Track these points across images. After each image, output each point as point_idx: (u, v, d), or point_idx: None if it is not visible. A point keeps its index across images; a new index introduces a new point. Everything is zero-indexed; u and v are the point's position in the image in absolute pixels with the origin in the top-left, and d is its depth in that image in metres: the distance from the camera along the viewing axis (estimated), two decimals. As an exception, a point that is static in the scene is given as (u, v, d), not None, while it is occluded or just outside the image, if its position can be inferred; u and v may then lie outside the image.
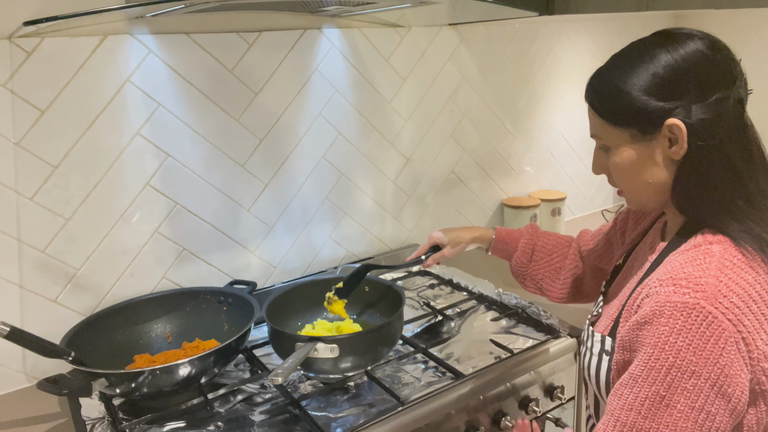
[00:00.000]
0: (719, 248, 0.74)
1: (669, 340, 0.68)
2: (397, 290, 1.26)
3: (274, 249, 1.52)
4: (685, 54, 0.76)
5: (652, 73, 0.76)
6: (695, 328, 0.67)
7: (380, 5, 1.18)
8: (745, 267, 0.72)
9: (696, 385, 0.66)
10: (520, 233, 1.23)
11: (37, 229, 1.20)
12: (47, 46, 1.15)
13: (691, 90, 0.75)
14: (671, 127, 0.75)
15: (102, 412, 1.07)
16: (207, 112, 1.35)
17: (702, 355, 0.66)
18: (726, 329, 0.67)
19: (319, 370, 1.12)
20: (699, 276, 0.70)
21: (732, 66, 0.77)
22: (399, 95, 1.65)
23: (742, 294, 0.69)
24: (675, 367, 0.67)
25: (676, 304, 0.69)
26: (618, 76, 0.79)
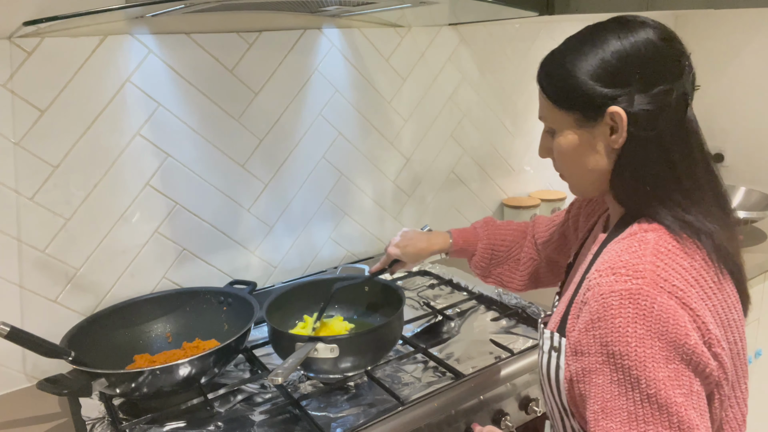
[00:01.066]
0: (654, 235, 0.74)
1: (628, 331, 0.67)
2: (397, 290, 1.26)
3: (274, 249, 1.52)
4: (634, 42, 0.75)
5: (600, 59, 0.75)
6: (648, 312, 0.67)
7: (380, 5, 1.18)
8: (680, 253, 0.72)
9: (676, 369, 0.66)
10: (476, 236, 1.20)
11: (37, 229, 1.20)
12: (47, 46, 1.15)
13: (636, 79, 0.74)
14: (613, 114, 0.75)
15: (102, 412, 1.08)
16: (207, 112, 1.35)
17: (667, 339, 0.66)
18: (677, 309, 0.67)
19: (319, 370, 1.12)
20: (636, 263, 0.70)
21: (681, 59, 0.76)
22: (399, 95, 1.65)
23: (680, 278, 0.70)
24: (649, 358, 0.66)
25: (620, 292, 0.68)
26: (568, 59, 0.78)
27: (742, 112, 2.18)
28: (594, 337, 0.70)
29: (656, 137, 0.75)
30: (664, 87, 0.74)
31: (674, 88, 0.75)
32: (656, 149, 0.76)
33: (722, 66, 2.21)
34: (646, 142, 0.76)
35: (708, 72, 2.26)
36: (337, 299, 1.35)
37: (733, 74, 2.19)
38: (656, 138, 0.75)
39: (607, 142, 0.78)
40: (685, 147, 0.77)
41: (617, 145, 0.77)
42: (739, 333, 0.79)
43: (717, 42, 2.21)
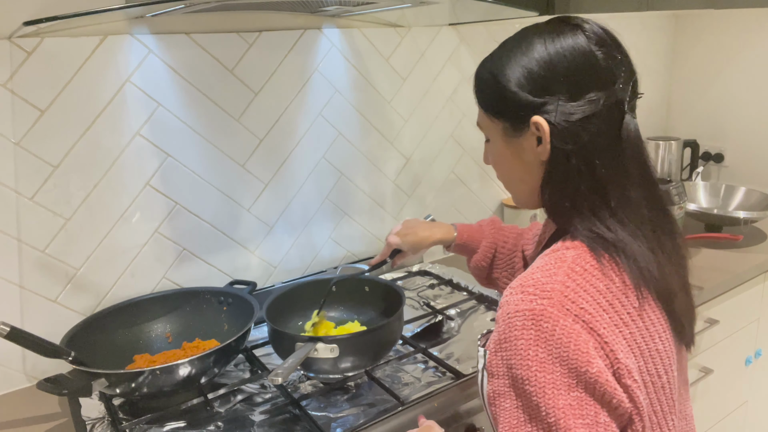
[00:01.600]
0: (573, 253, 0.70)
1: (529, 354, 0.63)
2: (397, 290, 1.26)
3: (274, 249, 1.52)
4: (561, 48, 0.71)
5: (524, 66, 0.72)
6: (549, 336, 0.63)
7: (380, 5, 1.18)
8: (596, 273, 0.68)
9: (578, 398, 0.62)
10: (481, 233, 1.18)
11: (37, 229, 1.20)
12: (47, 46, 1.15)
13: (562, 88, 0.70)
14: (536, 124, 0.72)
15: (102, 412, 1.08)
16: (207, 112, 1.35)
17: (568, 365, 0.62)
18: (581, 334, 0.63)
19: (319, 370, 1.12)
20: (546, 282, 0.67)
21: (614, 65, 0.71)
22: (399, 95, 1.65)
23: (590, 300, 0.66)
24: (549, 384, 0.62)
25: (524, 312, 0.65)
26: (496, 66, 0.76)
27: (742, 112, 2.18)
28: (501, 359, 0.66)
29: (580, 150, 0.71)
30: (593, 96, 0.70)
31: (602, 97, 0.70)
32: (581, 163, 0.71)
33: (722, 66, 2.21)
34: (569, 155, 0.71)
35: (708, 72, 2.26)
36: (337, 299, 1.35)
37: (733, 74, 2.19)
38: (581, 151, 0.71)
39: (535, 154, 0.74)
40: (616, 161, 0.72)
41: (543, 157, 0.73)
42: (664, 365, 0.71)
43: (717, 42, 2.21)
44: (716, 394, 1.71)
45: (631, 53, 0.76)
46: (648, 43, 2.24)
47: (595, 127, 0.71)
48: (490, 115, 0.78)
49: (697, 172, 2.14)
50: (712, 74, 2.24)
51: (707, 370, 1.63)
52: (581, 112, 0.70)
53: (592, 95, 0.70)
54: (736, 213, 1.77)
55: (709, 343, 1.64)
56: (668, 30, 2.31)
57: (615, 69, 0.72)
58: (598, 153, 0.71)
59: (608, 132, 0.71)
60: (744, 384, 1.80)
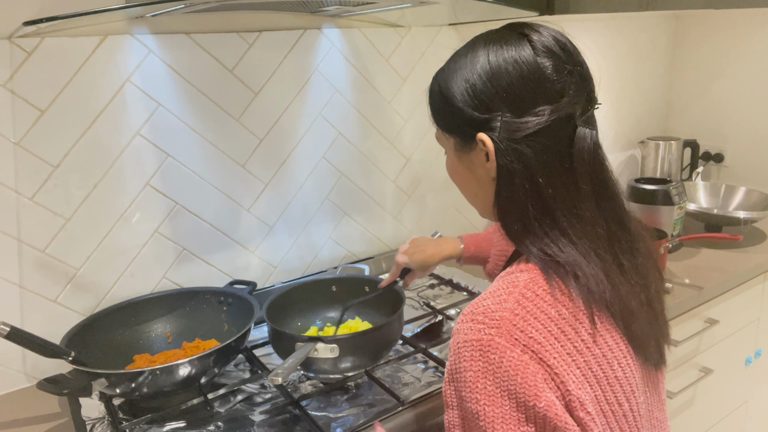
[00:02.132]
0: (525, 277, 0.66)
1: (477, 387, 0.61)
2: (397, 290, 1.26)
3: (274, 249, 1.52)
4: (503, 61, 0.68)
5: (467, 80, 0.69)
6: (496, 368, 0.61)
7: (380, 5, 1.18)
8: (548, 298, 0.64)
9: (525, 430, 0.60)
10: (489, 242, 1.17)
11: (37, 229, 1.20)
12: (47, 46, 1.15)
13: (505, 103, 0.67)
14: (482, 141, 0.69)
15: (102, 412, 1.08)
16: (207, 112, 1.35)
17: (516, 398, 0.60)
18: (528, 365, 0.61)
19: (319, 370, 1.12)
20: (495, 309, 0.64)
21: (562, 78, 0.67)
22: (399, 95, 1.65)
23: (540, 329, 0.63)
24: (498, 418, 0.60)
25: (472, 342, 0.62)
26: (444, 79, 0.73)
27: (742, 112, 2.18)
28: (454, 390, 0.64)
29: (526, 167, 0.67)
30: (537, 110, 0.66)
31: (549, 112, 0.66)
32: (526, 181, 0.67)
33: (722, 66, 2.21)
34: (513, 172, 0.68)
35: (708, 72, 2.26)
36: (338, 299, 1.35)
37: (733, 74, 2.19)
38: (526, 168, 0.67)
39: (485, 170, 0.71)
40: (566, 178, 0.68)
41: (492, 174, 0.70)
42: (625, 392, 0.67)
43: (717, 42, 2.21)
44: (716, 394, 1.71)
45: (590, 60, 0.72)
46: (648, 43, 2.24)
47: (541, 144, 0.67)
48: (442, 130, 0.77)
49: (697, 172, 2.14)
50: (712, 74, 2.24)
51: (707, 370, 1.63)
52: (525, 128, 0.66)
53: (538, 110, 0.67)
54: (736, 213, 1.77)
55: (709, 343, 1.64)
56: (668, 30, 2.31)
57: (563, 81, 0.67)
58: (545, 170, 0.67)
59: (557, 147, 0.68)
60: (744, 384, 1.80)
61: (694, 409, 1.64)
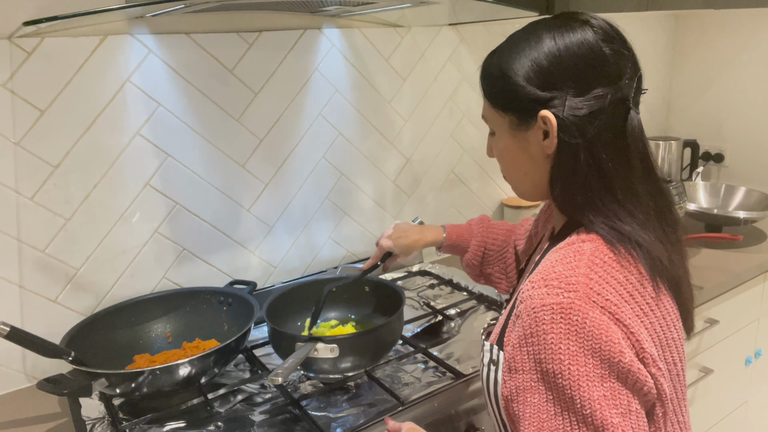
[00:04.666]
0: (590, 246, 0.70)
1: (561, 348, 0.63)
2: (397, 290, 1.26)
3: (274, 249, 1.52)
4: (569, 43, 0.72)
5: (533, 60, 0.72)
6: (579, 328, 0.63)
7: (380, 5, 1.18)
8: (615, 265, 0.69)
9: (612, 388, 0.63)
10: (470, 232, 1.19)
11: (37, 229, 1.20)
12: (47, 46, 1.15)
13: (569, 82, 0.71)
14: (544, 118, 0.72)
15: (102, 412, 1.08)
16: (207, 113, 1.35)
17: (600, 356, 0.63)
18: (610, 325, 0.64)
19: (319, 370, 1.12)
20: (569, 275, 0.67)
21: (621, 62, 0.72)
22: (399, 95, 1.65)
23: (613, 292, 0.67)
24: (583, 377, 0.63)
25: (551, 306, 0.65)
26: (504, 59, 0.76)
27: (742, 112, 2.18)
28: (528, 354, 0.66)
29: (587, 144, 0.72)
30: (600, 92, 0.71)
31: (609, 93, 0.71)
32: (588, 157, 0.72)
33: (722, 66, 2.21)
34: (576, 149, 0.72)
35: (708, 72, 2.26)
36: (337, 300, 1.35)
37: (733, 74, 2.19)
38: (587, 145, 0.72)
39: (541, 147, 0.75)
40: (622, 155, 0.73)
41: (549, 151, 0.74)
42: (679, 353, 0.74)
43: (717, 42, 2.21)
44: (716, 394, 1.71)
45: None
46: (648, 43, 2.24)
47: (601, 122, 0.71)
48: (497, 109, 0.78)
49: (697, 172, 2.14)
50: (712, 74, 2.24)
51: (707, 370, 1.63)
52: (588, 107, 0.71)
53: (599, 91, 0.71)
54: (736, 213, 1.77)
55: (709, 343, 1.64)
56: (668, 30, 2.31)
57: (622, 65, 0.72)
58: (605, 147, 0.72)
59: (614, 127, 0.72)
60: (744, 384, 1.80)
61: (694, 409, 1.64)
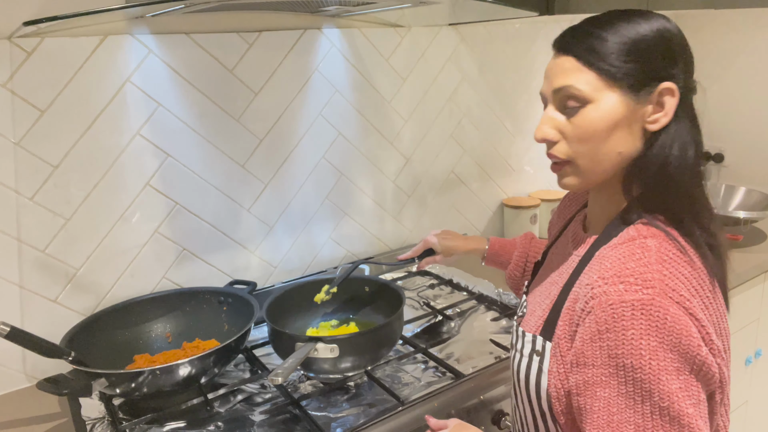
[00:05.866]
0: (654, 242, 0.70)
1: (642, 344, 0.64)
2: (397, 290, 1.26)
3: (274, 249, 1.52)
4: (675, 28, 0.74)
5: (653, 30, 0.72)
6: (660, 324, 0.64)
7: (380, 5, 1.18)
8: (680, 261, 0.69)
9: (686, 380, 0.64)
10: (513, 245, 1.21)
11: (37, 229, 1.20)
12: (47, 46, 1.15)
13: (681, 63, 0.72)
14: (666, 90, 0.71)
15: (102, 412, 1.08)
16: (207, 112, 1.35)
17: (679, 350, 0.64)
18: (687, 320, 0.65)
19: (319, 370, 1.12)
20: (643, 271, 0.67)
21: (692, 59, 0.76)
22: (399, 95, 1.65)
23: (684, 288, 0.67)
24: (663, 371, 0.64)
25: (631, 303, 0.65)
26: (618, 26, 0.72)
27: (742, 112, 2.18)
28: (601, 349, 0.67)
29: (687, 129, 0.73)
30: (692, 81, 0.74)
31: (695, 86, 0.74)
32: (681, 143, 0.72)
33: (722, 66, 2.21)
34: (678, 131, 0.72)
35: (708, 72, 2.26)
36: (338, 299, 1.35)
37: (733, 74, 2.19)
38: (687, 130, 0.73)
39: (644, 123, 0.73)
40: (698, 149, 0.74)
41: (656, 126, 0.72)
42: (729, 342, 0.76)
43: (717, 42, 2.21)
44: (716, 394, 1.71)
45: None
46: (648, 43, 2.24)
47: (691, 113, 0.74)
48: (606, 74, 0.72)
49: (697, 172, 2.13)
50: (712, 75, 2.24)
51: (707, 370, 1.62)
52: (689, 92, 0.73)
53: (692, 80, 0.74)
54: (736, 213, 1.77)
55: (709, 343, 1.63)
56: (668, 30, 2.31)
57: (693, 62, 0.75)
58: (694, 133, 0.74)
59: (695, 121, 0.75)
60: (744, 384, 1.80)
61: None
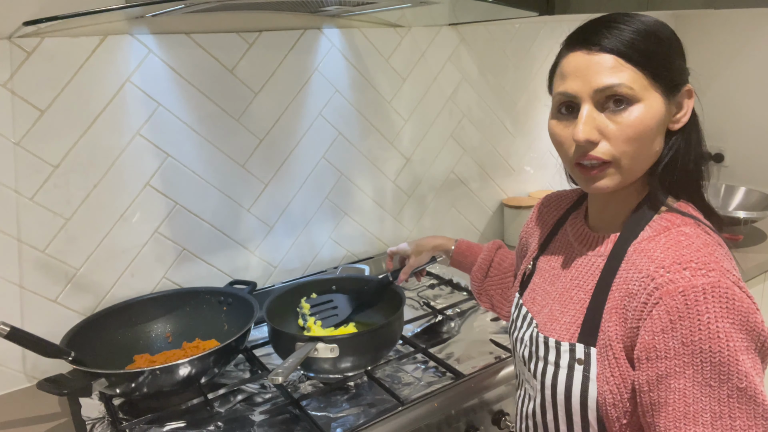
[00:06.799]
0: (690, 230, 0.72)
1: (718, 327, 0.64)
2: (397, 290, 1.26)
3: (274, 249, 1.52)
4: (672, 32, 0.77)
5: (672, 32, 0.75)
6: (731, 305, 0.65)
7: (380, 5, 1.18)
8: (715, 244, 0.72)
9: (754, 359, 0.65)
10: (480, 248, 1.21)
11: (37, 229, 1.20)
12: (47, 46, 1.15)
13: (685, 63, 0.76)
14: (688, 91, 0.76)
15: (102, 412, 1.08)
16: (207, 112, 1.35)
17: (747, 329, 0.65)
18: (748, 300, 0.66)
19: (319, 370, 1.12)
20: (699, 256, 0.68)
21: None
22: (399, 95, 1.65)
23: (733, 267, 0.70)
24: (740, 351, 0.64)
25: (702, 287, 0.65)
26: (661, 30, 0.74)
27: (742, 112, 2.18)
28: (674, 339, 0.66)
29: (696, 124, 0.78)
30: None
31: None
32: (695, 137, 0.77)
33: (722, 66, 2.21)
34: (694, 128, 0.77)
35: (708, 72, 2.26)
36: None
37: (733, 74, 2.19)
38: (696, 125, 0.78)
39: (670, 120, 0.76)
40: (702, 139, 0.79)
41: (678, 125, 0.76)
42: None
43: (717, 42, 2.21)
44: (716, 394, 1.70)
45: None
46: (648, 43, 2.24)
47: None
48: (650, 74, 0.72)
49: (697, 172, 2.13)
50: (712, 74, 2.24)
51: (707, 370, 1.62)
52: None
53: None
54: (736, 213, 1.77)
55: (709, 343, 1.64)
56: (668, 30, 2.31)
57: None
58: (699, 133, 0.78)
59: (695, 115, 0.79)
60: (744, 384, 1.80)
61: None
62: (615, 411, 0.72)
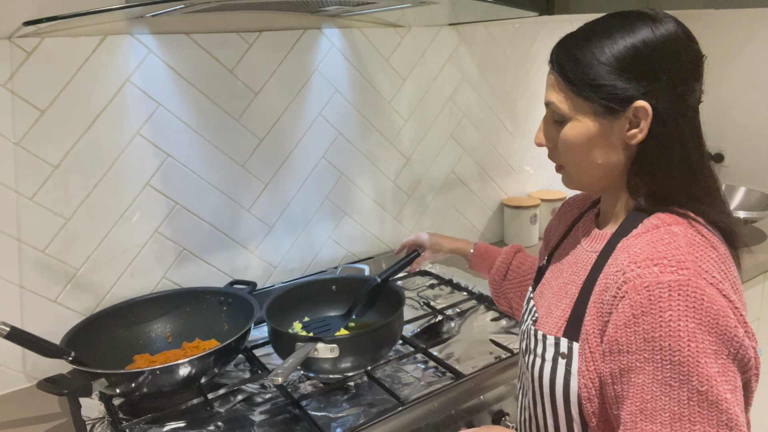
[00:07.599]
0: (679, 228, 0.71)
1: (680, 326, 0.63)
2: (397, 290, 1.26)
3: (274, 249, 1.52)
4: (666, 35, 0.72)
5: (632, 47, 0.71)
6: (698, 305, 0.63)
7: (380, 5, 1.18)
8: (707, 246, 0.70)
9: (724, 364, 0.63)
10: (499, 252, 1.22)
11: (37, 229, 1.20)
12: (47, 46, 1.15)
13: (666, 73, 0.71)
14: (638, 109, 0.72)
15: (102, 412, 1.08)
16: (207, 112, 1.35)
17: (717, 332, 0.63)
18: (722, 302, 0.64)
19: (319, 370, 1.12)
20: (676, 253, 0.67)
21: (701, 61, 0.75)
22: (399, 95, 1.65)
23: (715, 269, 0.67)
24: (701, 353, 0.62)
25: (668, 284, 0.64)
26: (595, 44, 0.73)
27: (742, 112, 2.18)
28: (636, 333, 0.65)
29: (678, 136, 0.73)
30: (689, 86, 0.73)
31: (696, 88, 0.74)
32: (678, 147, 0.73)
33: (722, 66, 2.21)
34: (668, 139, 0.73)
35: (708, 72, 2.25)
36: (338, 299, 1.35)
37: (733, 74, 2.19)
38: (678, 136, 0.73)
39: (623, 136, 0.74)
40: (700, 146, 0.76)
41: (634, 141, 0.74)
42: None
43: (717, 42, 2.21)
44: (716, 394, 1.70)
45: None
46: (648, 43, 2.24)
47: (690, 115, 0.74)
48: (580, 95, 0.75)
49: (697, 172, 2.13)
50: (712, 74, 2.23)
51: (707, 370, 1.62)
52: (681, 100, 0.72)
53: (688, 86, 0.73)
54: (736, 213, 1.77)
55: (709, 343, 1.63)
56: (668, 30, 2.31)
57: (701, 64, 0.75)
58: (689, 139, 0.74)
59: (695, 122, 0.75)
60: (744, 384, 1.80)
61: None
62: (590, 406, 0.73)
